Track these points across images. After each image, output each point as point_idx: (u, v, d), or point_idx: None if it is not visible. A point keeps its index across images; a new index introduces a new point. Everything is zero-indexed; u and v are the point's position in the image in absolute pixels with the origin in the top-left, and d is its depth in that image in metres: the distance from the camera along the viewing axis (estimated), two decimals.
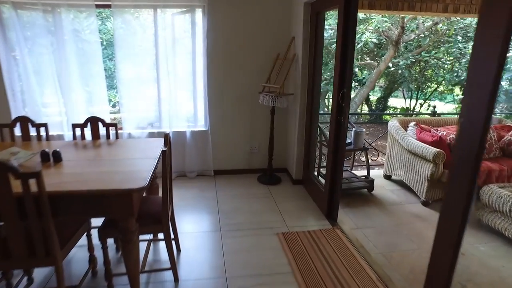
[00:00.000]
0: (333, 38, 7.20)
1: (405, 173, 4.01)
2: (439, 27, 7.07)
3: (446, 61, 8.86)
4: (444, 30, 7.48)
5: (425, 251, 2.77)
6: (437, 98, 12.41)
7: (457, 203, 1.42)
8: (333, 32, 7.14)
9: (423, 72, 9.40)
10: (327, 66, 8.86)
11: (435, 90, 11.33)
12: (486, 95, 1.21)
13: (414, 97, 11.79)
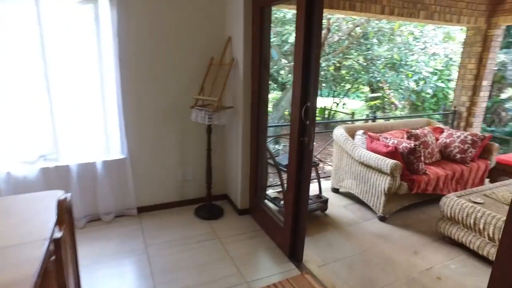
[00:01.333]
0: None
1: (357, 186, 3.76)
2: (357, 30, 7.29)
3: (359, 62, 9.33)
4: (359, 33, 7.78)
5: (403, 283, 2.47)
6: (350, 96, 13.20)
7: None
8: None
9: (339, 72, 9.77)
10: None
11: (349, 90, 11.98)
12: None
13: (331, 96, 12.29)
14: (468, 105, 5.37)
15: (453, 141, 4.13)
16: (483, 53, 5.10)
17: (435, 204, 3.86)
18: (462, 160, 4.03)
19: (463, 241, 2.92)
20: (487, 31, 4.99)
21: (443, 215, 3.11)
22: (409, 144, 3.50)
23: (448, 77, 8.16)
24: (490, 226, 2.69)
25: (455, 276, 2.62)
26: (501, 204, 2.99)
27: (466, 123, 5.46)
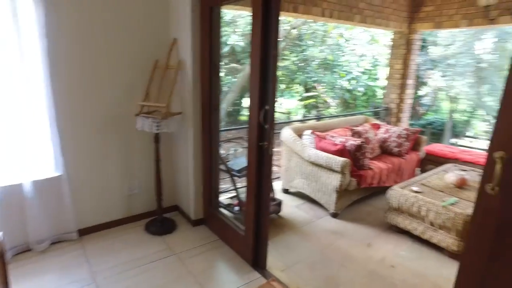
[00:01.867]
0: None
1: (307, 185, 3.85)
2: (293, 32, 7.54)
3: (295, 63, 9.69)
4: (295, 35, 8.07)
5: (362, 276, 2.57)
6: (285, 96, 13.63)
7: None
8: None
9: None
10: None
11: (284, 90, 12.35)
12: None
13: None
14: (397, 102, 5.88)
15: (390, 136, 4.47)
16: (407, 54, 5.62)
17: (378, 196, 4.15)
18: (399, 153, 4.38)
19: (409, 229, 3.15)
20: (409, 35, 5.51)
21: (390, 206, 3.33)
22: (355, 142, 3.69)
23: (375, 76, 8.87)
24: (430, 212, 2.95)
25: (406, 262, 2.82)
26: (436, 191, 3.30)
27: (397, 118, 5.97)
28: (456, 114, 10.89)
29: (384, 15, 4.89)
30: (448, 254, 2.90)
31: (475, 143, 11.40)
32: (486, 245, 1.25)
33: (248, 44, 7.09)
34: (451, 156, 4.76)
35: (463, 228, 2.75)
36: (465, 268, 1.34)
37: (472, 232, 1.30)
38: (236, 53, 7.52)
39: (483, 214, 1.25)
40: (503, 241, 1.19)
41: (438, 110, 11.89)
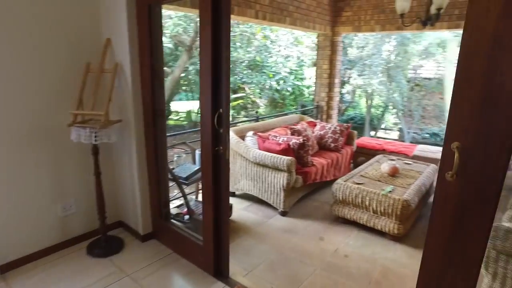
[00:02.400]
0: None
1: (254, 186, 3.88)
2: None
3: None
4: None
5: (322, 269, 2.68)
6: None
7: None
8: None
9: None
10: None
11: None
12: None
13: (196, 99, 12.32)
14: (326, 100, 6.27)
15: (326, 132, 4.74)
16: (332, 55, 6.03)
17: (320, 190, 4.37)
18: (335, 148, 4.67)
19: (354, 218, 3.38)
20: (333, 37, 5.92)
21: (336, 199, 3.52)
22: (298, 140, 3.82)
23: (301, 76, 9.35)
24: (373, 201, 3.20)
25: (356, 250, 3.01)
26: (375, 181, 3.60)
27: (327, 115, 6.37)
28: (372, 109, 12.07)
29: (311, 18, 5.17)
30: (390, 237, 3.18)
31: (390, 134, 12.80)
32: (447, 226, 1.39)
33: (176, 46, 6.87)
34: (379, 147, 5.25)
35: (401, 212, 3.04)
36: (430, 246, 1.47)
37: (434, 215, 1.43)
38: (164, 55, 7.24)
39: (444, 199, 1.38)
40: (461, 222, 1.34)
41: (357, 106, 13.05)
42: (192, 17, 6.41)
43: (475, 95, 1.24)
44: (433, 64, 10.46)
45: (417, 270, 2.71)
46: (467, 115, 1.27)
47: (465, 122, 1.28)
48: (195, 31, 6.42)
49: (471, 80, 1.24)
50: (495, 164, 1.21)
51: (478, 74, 1.22)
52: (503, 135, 1.18)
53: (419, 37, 8.99)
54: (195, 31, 6.41)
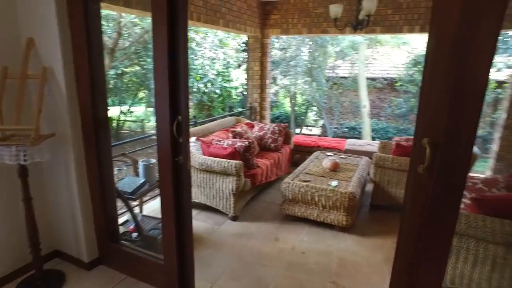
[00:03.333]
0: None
1: (201, 193, 3.77)
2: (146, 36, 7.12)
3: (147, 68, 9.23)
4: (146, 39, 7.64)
5: (284, 269, 2.72)
6: (137, 104, 12.85)
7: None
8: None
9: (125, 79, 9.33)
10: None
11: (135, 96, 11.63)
12: None
13: (116, 105, 11.52)
14: (259, 101, 6.38)
15: (266, 133, 4.83)
16: (262, 57, 6.16)
17: (265, 191, 4.44)
18: (275, 148, 4.78)
19: (305, 215, 3.51)
20: (262, 39, 6.06)
21: (285, 199, 3.60)
22: (244, 143, 3.81)
23: (228, 78, 9.37)
24: (322, 197, 3.36)
25: (311, 245, 3.13)
26: (319, 177, 3.79)
27: (261, 116, 6.49)
28: (296, 108, 12.72)
29: (242, 20, 5.21)
30: (339, 229, 3.38)
31: (312, 130, 13.64)
32: (419, 215, 1.52)
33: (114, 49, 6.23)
34: (313, 144, 5.53)
35: (348, 204, 3.25)
36: (404, 234, 1.59)
37: (407, 206, 1.56)
38: None
39: (416, 190, 1.51)
40: (432, 210, 1.47)
41: (280, 106, 13.62)
42: (115, 17, 5.89)
43: (441, 94, 1.37)
44: (348, 64, 11.46)
45: (368, 256, 2.95)
46: (434, 113, 1.40)
47: (433, 119, 1.41)
48: (117, 32, 5.94)
49: (437, 80, 1.38)
50: (462, 156, 1.36)
51: (443, 75, 1.36)
52: (468, 129, 1.33)
53: (336, 39, 9.75)
54: (117, 32, 5.94)
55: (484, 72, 1.28)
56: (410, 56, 10.31)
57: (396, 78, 10.95)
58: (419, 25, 4.91)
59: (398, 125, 11.17)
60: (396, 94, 11.38)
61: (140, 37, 6.84)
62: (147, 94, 10.78)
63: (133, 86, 10.58)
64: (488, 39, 1.24)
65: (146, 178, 3.07)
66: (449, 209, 1.43)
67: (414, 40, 10.59)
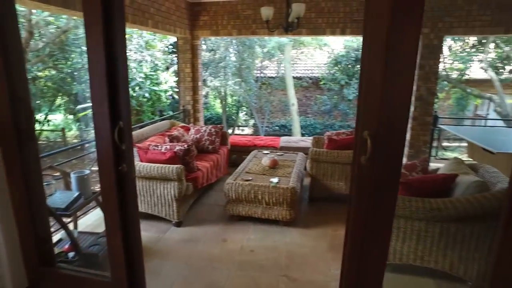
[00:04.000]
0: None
1: (141, 202, 3.59)
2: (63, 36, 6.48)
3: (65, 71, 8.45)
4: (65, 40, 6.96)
5: (236, 269, 2.75)
6: (55, 111, 11.67)
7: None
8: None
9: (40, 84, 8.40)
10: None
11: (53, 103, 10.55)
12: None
13: None
14: (192, 103, 6.28)
15: (203, 135, 4.77)
16: (193, 59, 6.08)
17: (206, 193, 4.40)
18: (213, 149, 4.76)
19: (249, 214, 3.56)
20: (192, 41, 5.97)
21: (229, 199, 3.62)
22: (183, 146, 3.72)
23: (157, 81, 9.02)
24: (265, 194, 3.45)
25: (259, 243, 3.20)
26: (260, 175, 3.88)
27: (194, 119, 6.39)
28: (227, 109, 12.79)
29: (172, 21, 5.07)
30: (283, 223, 3.51)
31: (244, 130, 13.84)
32: (365, 202, 1.66)
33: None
34: (250, 144, 5.63)
35: (291, 199, 3.39)
36: (353, 221, 1.72)
37: (354, 194, 1.69)
38: None
39: (361, 179, 1.65)
40: (376, 196, 1.63)
41: (210, 107, 13.56)
42: (24, 14, 5.20)
43: (377, 91, 1.52)
44: (275, 65, 11.89)
45: (313, 246, 3.12)
46: (372, 108, 1.55)
47: (371, 113, 1.55)
48: (28, 31, 5.30)
49: (373, 79, 1.52)
50: (398, 144, 1.53)
51: (378, 74, 1.50)
52: (401, 120, 1.50)
53: (263, 41, 10.03)
54: (28, 31, 5.29)
55: (411, 70, 1.46)
56: (330, 57, 11.09)
57: (320, 77, 11.69)
58: (340, 28, 5.33)
59: (324, 121, 11.95)
60: (320, 92, 12.15)
61: (56, 37, 6.19)
62: (66, 101, 9.86)
63: (49, 92, 9.60)
64: (412, 43, 1.41)
65: (80, 191, 2.82)
66: (391, 192, 1.59)
67: (333, 42, 11.43)
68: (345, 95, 10.84)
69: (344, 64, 10.41)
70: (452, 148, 6.54)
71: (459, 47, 9.95)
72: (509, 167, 3.53)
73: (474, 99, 11.21)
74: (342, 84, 10.75)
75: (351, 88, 10.50)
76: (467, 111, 11.94)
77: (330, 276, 2.64)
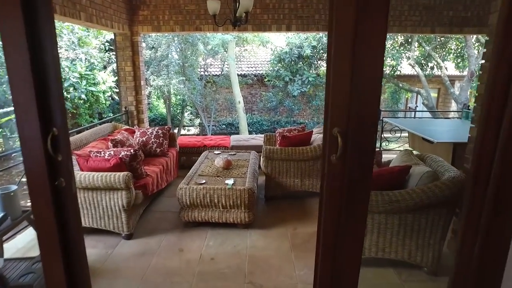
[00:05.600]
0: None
1: (84, 215, 3.21)
2: None
3: None
4: None
5: (197, 281, 2.56)
6: None
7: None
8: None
9: None
10: None
11: None
12: None
13: None
14: (135, 104, 5.82)
15: (149, 138, 4.41)
16: (134, 56, 5.62)
17: (156, 200, 4.08)
18: (162, 153, 4.43)
19: (206, 219, 3.35)
20: (132, 37, 5.51)
21: (183, 205, 3.36)
22: (129, 151, 3.37)
23: (94, 81, 8.26)
24: (221, 197, 3.26)
25: (219, 249, 3.01)
26: (215, 177, 3.68)
27: (138, 120, 5.94)
28: (172, 108, 12.25)
29: (108, 15, 4.61)
30: (242, 226, 3.35)
31: (191, 130, 13.41)
32: (337, 200, 1.57)
33: None
34: (199, 144, 5.36)
35: (249, 200, 3.24)
36: (325, 220, 1.62)
37: (325, 193, 1.59)
38: None
39: (332, 177, 1.55)
40: (348, 194, 1.54)
41: (153, 108, 12.89)
42: None
43: (346, 86, 1.42)
44: (219, 63, 11.63)
45: (274, 247, 3.02)
46: (341, 104, 1.45)
47: (340, 110, 1.45)
48: None
49: (342, 73, 1.42)
50: (369, 139, 1.45)
51: (347, 68, 1.41)
52: (370, 116, 1.42)
53: (207, 38, 9.72)
54: None
55: (379, 65, 1.39)
56: (274, 54, 11.14)
57: (264, 74, 11.71)
58: (285, 24, 5.29)
59: (270, 118, 12.01)
60: (265, 89, 12.19)
61: None
62: None
63: None
64: (381, 32, 1.34)
65: (6, 211, 2.38)
66: (363, 188, 1.52)
67: (276, 39, 11.50)
68: (289, 91, 10.98)
69: (287, 61, 10.51)
70: (394, 139, 6.93)
71: (390, 45, 10.62)
72: (448, 155, 3.77)
73: (405, 93, 12.09)
74: (286, 80, 10.87)
75: (295, 84, 10.67)
76: (399, 104, 12.87)
77: (295, 278, 2.55)
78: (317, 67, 11.09)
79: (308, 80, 10.55)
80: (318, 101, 11.18)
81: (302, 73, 10.65)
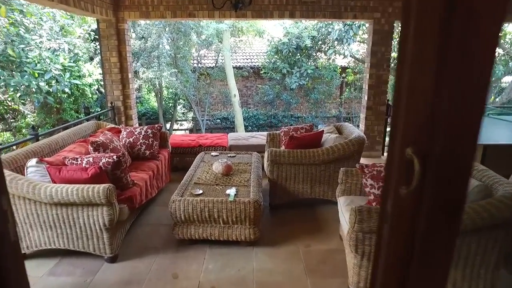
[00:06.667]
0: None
1: (58, 236, 2.67)
2: None
3: None
4: None
5: None
6: None
7: None
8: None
9: None
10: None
11: None
12: None
13: None
14: (122, 98, 5.24)
15: (137, 138, 3.86)
16: (120, 46, 5.02)
17: (148, 210, 3.56)
18: (152, 155, 3.88)
19: (204, 236, 2.84)
20: (118, 24, 4.91)
21: (176, 221, 2.84)
22: (111, 158, 2.82)
23: (78, 74, 7.61)
24: (222, 212, 2.75)
25: (220, 274, 2.51)
26: (213, 186, 3.15)
27: (126, 117, 5.36)
28: (164, 102, 11.62)
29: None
30: (246, 243, 2.85)
31: (184, 125, 12.81)
32: (401, 252, 1.06)
33: None
34: (194, 144, 4.80)
35: (255, 215, 2.73)
36: (385, 274, 1.12)
37: (389, 239, 1.08)
38: None
39: (397, 220, 1.04)
40: (422, 246, 1.04)
41: (145, 102, 12.23)
42: None
43: (428, 82, 0.90)
44: (213, 54, 11.00)
45: (286, 270, 2.51)
46: (421, 110, 0.93)
47: (420, 119, 0.93)
48: None
49: (423, 67, 0.89)
50: (463, 165, 0.93)
51: (431, 60, 0.88)
52: (469, 130, 0.91)
53: (201, 27, 9.08)
54: None
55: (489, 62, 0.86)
56: (271, 45, 10.54)
57: (261, 66, 11.12)
58: (288, 11, 4.73)
59: (267, 111, 11.47)
60: (262, 82, 11.62)
61: None
62: None
63: None
64: None
65: None
66: (447, 239, 1.01)
67: (272, 29, 10.89)
68: (287, 84, 10.42)
69: (285, 52, 9.92)
70: None
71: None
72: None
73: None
74: (284, 73, 10.30)
75: (293, 77, 10.11)
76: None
77: None
78: (315, 59, 10.53)
79: (306, 73, 9.99)
80: (316, 94, 10.65)
81: (301, 65, 10.08)
